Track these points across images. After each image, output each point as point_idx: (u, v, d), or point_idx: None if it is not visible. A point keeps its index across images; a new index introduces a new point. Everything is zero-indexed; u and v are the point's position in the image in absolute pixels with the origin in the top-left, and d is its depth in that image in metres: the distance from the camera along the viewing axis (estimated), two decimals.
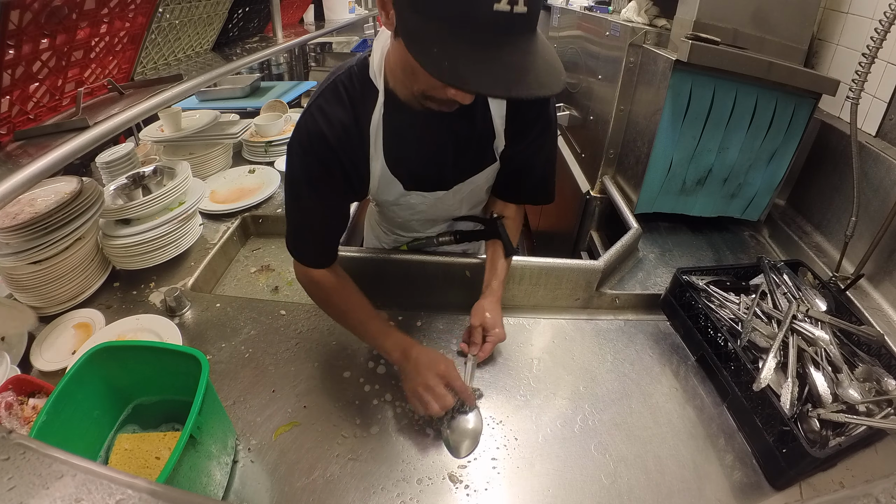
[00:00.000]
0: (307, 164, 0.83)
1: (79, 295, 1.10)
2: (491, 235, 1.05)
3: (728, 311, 1.02)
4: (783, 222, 1.44)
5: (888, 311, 1.10)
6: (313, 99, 0.83)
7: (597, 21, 1.68)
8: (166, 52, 1.20)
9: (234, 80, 2.33)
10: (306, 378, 0.94)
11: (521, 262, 1.14)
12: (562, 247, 1.94)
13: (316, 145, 0.81)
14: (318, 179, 0.84)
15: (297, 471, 0.78)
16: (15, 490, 0.32)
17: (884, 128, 1.23)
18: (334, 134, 0.81)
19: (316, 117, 0.81)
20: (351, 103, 0.82)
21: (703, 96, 1.25)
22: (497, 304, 0.99)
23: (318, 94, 0.83)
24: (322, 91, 0.83)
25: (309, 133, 0.81)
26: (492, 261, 1.04)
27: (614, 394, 0.94)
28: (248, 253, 1.45)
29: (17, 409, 0.78)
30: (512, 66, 0.60)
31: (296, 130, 0.83)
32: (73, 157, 0.69)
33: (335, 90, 0.82)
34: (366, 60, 0.83)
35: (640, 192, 1.40)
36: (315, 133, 0.81)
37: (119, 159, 1.47)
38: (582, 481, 0.79)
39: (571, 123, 1.97)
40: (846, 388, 0.84)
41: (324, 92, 0.82)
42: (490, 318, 0.95)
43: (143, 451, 0.74)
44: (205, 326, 1.06)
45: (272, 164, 1.77)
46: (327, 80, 0.83)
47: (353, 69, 0.83)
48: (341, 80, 0.82)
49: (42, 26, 0.71)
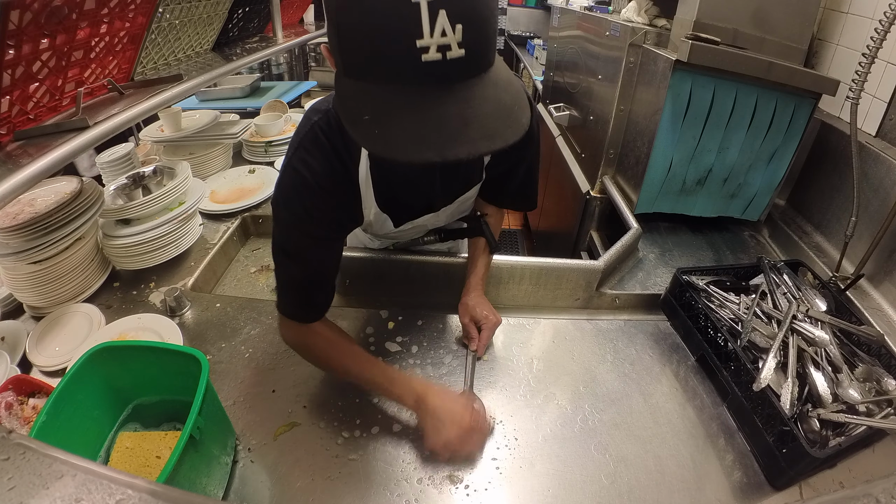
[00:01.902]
0: (297, 220, 0.77)
1: (79, 295, 1.10)
2: (475, 233, 1.07)
3: (728, 312, 1.02)
4: (783, 222, 1.44)
5: (888, 311, 1.10)
6: (292, 151, 0.76)
7: (597, 21, 1.68)
8: (166, 52, 1.20)
9: (234, 81, 2.33)
10: (306, 378, 0.94)
11: (521, 262, 1.14)
12: (562, 247, 1.94)
13: (305, 199, 0.76)
14: (308, 232, 0.79)
15: (297, 471, 0.78)
16: (15, 490, 0.32)
17: (884, 128, 1.23)
18: (321, 184, 0.75)
19: (300, 170, 0.75)
20: (335, 152, 0.76)
21: (703, 96, 1.25)
22: (481, 297, 1.01)
23: (298, 145, 0.76)
24: (301, 142, 0.76)
25: (295, 187, 0.75)
26: (473, 259, 1.07)
27: (614, 394, 0.94)
28: (248, 253, 1.45)
29: (17, 409, 0.78)
30: (448, 121, 0.52)
31: (279, 187, 0.77)
32: (73, 157, 0.69)
33: (315, 140, 0.75)
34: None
35: (640, 192, 1.40)
36: (301, 186, 0.75)
37: (119, 159, 1.47)
38: (582, 481, 0.79)
39: (571, 123, 1.97)
40: (846, 388, 0.84)
41: (303, 143, 0.76)
42: (479, 311, 0.98)
43: (144, 449, 0.74)
44: (205, 326, 1.06)
45: (272, 164, 1.77)
46: (304, 128, 0.77)
47: (330, 113, 0.76)
48: (320, 127, 0.75)
49: (42, 26, 0.71)
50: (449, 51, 0.50)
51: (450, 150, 0.52)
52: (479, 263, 1.05)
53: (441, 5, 0.48)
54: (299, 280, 0.83)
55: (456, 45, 0.50)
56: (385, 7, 0.49)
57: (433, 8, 0.48)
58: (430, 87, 0.52)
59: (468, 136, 0.52)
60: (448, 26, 0.49)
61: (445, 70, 0.51)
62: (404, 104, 0.52)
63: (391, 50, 0.50)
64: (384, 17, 0.49)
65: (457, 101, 0.53)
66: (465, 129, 0.52)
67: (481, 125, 0.53)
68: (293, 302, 0.85)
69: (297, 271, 0.82)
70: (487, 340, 0.99)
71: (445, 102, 0.52)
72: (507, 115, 0.55)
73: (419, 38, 0.48)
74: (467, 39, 0.50)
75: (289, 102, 2.11)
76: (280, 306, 0.85)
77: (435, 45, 0.49)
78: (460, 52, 0.50)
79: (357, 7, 0.50)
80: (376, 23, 0.50)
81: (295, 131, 0.80)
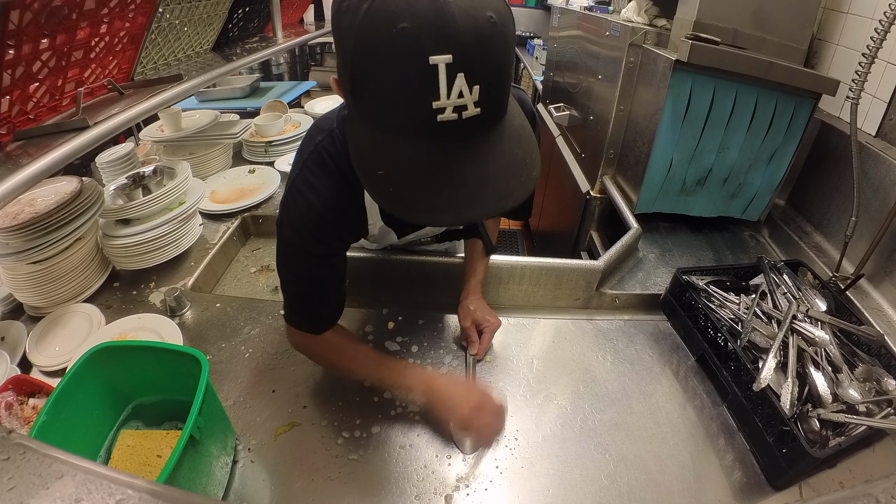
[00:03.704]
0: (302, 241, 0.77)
1: (79, 295, 1.10)
2: (471, 234, 1.07)
3: (728, 311, 1.02)
4: (783, 222, 1.44)
5: (888, 311, 1.10)
6: (297, 171, 0.76)
7: (597, 21, 1.68)
8: (166, 52, 1.20)
9: (234, 81, 2.33)
10: (306, 378, 0.94)
11: (521, 262, 1.14)
12: (562, 247, 1.94)
13: (309, 222, 0.75)
14: (314, 251, 0.78)
15: (297, 471, 0.78)
16: (15, 490, 0.32)
17: (884, 128, 1.23)
18: (327, 206, 0.74)
19: (304, 192, 0.74)
20: (340, 173, 0.74)
21: (703, 96, 1.24)
22: (480, 300, 1.02)
23: (302, 165, 0.75)
24: (305, 163, 0.75)
25: (299, 210, 0.75)
26: (470, 260, 1.07)
27: (614, 394, 0.94)
28: (248, 253, 1.45)
29: (17, 409, 0.78)
30: (464, 183, 0.52)
31: (284, 209, 0.76)
32: (73, 157, 0.69)
33: (321, 161, 0.75)
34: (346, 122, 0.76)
35: (640, 192, 1.40)
36: (306, 208, 0.74)
37: (119, 159, 1.47)
38: (582, 481, 0.79)
39: (571, 123, 1.97)
40: (846, 388, 0.84)
41: (307, 163, 0.75)
42: (479, 314, 0.99)
43: (145, 448, 0.74)
44: (205, 326, 1.06)
45: (272, 164, 1.77)
46: (308, 148, 0.76)
47: (334, 133, 0.75)
48: (325, 147, 0.75)
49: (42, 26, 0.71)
50: (465, 111, 0.49)
51: (466, 212, 0.53)
52: (477, 266, 1.06)
53: (459, 69, 0.47)
54: (305, 296, 0.83)
55: (472, 105, 0.49)
56: (403, 66, 0.48)
57: (451, 71, 0.47)
58: (445, 144, 0.51)
59: (483, 198, 0.53)
60: (465, 88, 0.48)
61: (461, 128, 0.50)
62: (419, 164, 0.52)
63: (407, 108, 0.50)
64: (401, 76, 0.48)
65: (472, 160, 0.52)
66: (481, 191, 0.53)
67: (496, 184, 0.53)
68: (301, 316, 0.85)
69: (302, 288, 0.82)
70: (488, 344, 1.00)
71: (461, 161, 0.52)
72: (520, 171, 0.55)
73: (436, 99, 0.48)
74: (483, 98, 0.50)
75: (289, 102, 2.11)
76: (288, 318, 0.86)
77: (451, 107, 0.49)
78: (476, 111, 0.50)
79: (374, 62, 0.49)
80: (393, 80, 0.49)
81: (299, 150, 0.79)
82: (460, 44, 0.46)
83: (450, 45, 0.46)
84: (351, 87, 0.53)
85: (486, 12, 0.48)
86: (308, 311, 0.85)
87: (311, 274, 0.80)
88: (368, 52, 0.49)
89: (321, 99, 2.33)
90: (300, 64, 3.16)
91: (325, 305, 0.85)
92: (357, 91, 0.53)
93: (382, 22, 0.47)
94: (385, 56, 0.48)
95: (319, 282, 0.82)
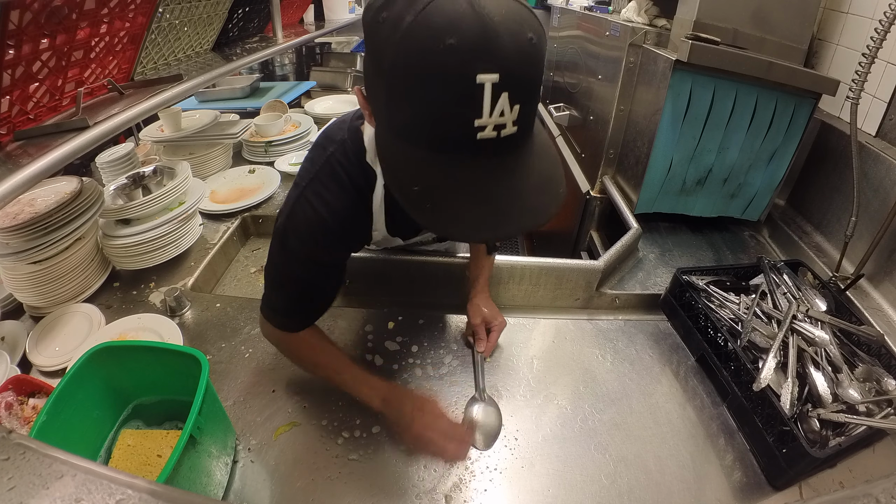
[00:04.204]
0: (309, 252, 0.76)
1: (79, 295, 1.10)
2: None
3: (728, 311, 1.02)
4: (783, 222, 1.44)
5: (888, 311, 1.10)
6: (307, 182, 0.75)
7: (597, 21, 1.68)
8: (166, 52, 1.20)
9: (234, 81, 2.33)
10: (306, 378, 0.94)
11: (521, 262, 1.14)
12: (562, 247, 1.94)
13: (318, 235, 0.74)
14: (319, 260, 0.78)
15: (297, 471, 0.78)
16: (15, 490, 0.32)
17: (884, 128, 1.23)
18: (338, 220, 0.74)
19: (316, 206, 0.73)
20: (352, 184, 0.75)
21: (703, 96, 1.24)
22: (489, 299, 1.04)
23: (313, 177, 0.74)
24: (317, 174, 0.74)
25: (309, 223, 0.74)
26: (476, 259, 1.08)
27: (614, 394, 0.94)
28: (248, 253, 1.45)
29: (17, 409, 0.78)
30: (499, 200, 0.53)
31: (292, 219, 0.75)
32: (73, 157, 0.69)
33: (333, 173, 0.74)
34: (358, 133, 0.75)
35: (640, 192, 1.40)
36: (317, 223, 0.74)
37: (119, 159, 1.47)
38: (582, 481, 0.79)
39: (571, 123, 1.97)
40: (846, 388, 0.84)
41: (319, 175, 0.74)
42: (489, 313, 1.01)
43: (145, 447, 0.74)
44: (205, 326, 1.06)
45: (272, 164, 1.77)
46: (320, 159, 0.75)
47: (346, 144, 0.75)
48: (337, 159, 0.74)
49: (42, 26, 0.71)
50: (504, 129, 0.50)
51: (501, 229, 0.55)
52: (482, 265, 1.06)
53: (504, 88, 0.47)
54: (295, 299, 0.82)
55: (511, 124, 0.50)
56: (448, 83, 0.47)
57: (497, 90, 0.47)
58: (480, 161, 0.52)
59: (516, 214, 0.54)
60: (507, 107, 0.48)
61: (497, 146, 0.51)
62: (457, 181, 0.52)
63: (447, 125, 0.50)
64: (446, 92, 0.48)
65: (505, 178, 0.53)
66: (514, 207, 0.54)
67: (528, 201, 0.54)
68: (282, 315, 0.84)
69: (293, 291, 0.81)
70: (495, 342, 1.00)
71: (497, 179, 0.53)
72: (550, 187, 0.57)
73: (478, 118, 0.48)
74: (521, 117, 0.50)
75: (289, 102, 2.11)
76: (266, 313, 0.85)
77: (492, 125, 0.49)
78: (513, 130, 0.50)
79: (417, 78, 0.48)
80: (436, 97, 0.48)
81: (309, 159, 0.78)
82: (506, 63, 0.47)
83: (497, 65, 0.46)
84: (386, 100, 0.53)
85: (528, 33, 0.48)
86: (292, 312, 0.84)
87: (308, 280, 0.80)
88: (411, 67, 0.48)
89: (321, 99, 2.33)
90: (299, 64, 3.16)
91: (311, 309, 0.85)
92: (394, 105, 0.53)
93: (428, 37, 0.46)
94: (430, 72, 0.47)
95: (314, 288, 0.82)
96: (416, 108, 0.51)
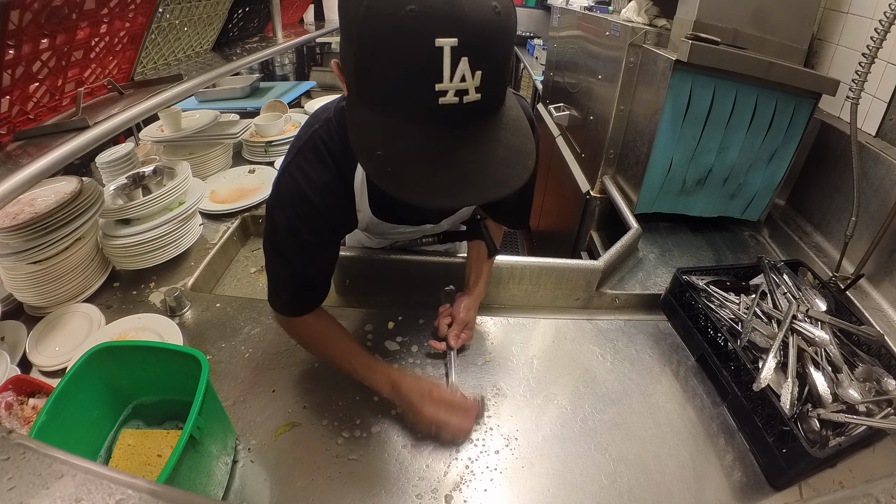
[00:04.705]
0: (291, 225, 0.78)
1: (79, 295, 1.10)
2: (474, 236, 1.07)
3: (728, 311, 1.02)
4: (783, 222, 1.44)
5: (888, 311, 1.10)
6: (291, 156, 0.77)
7: (597, 21, 1.68)
8: (166, 52, 1.20)
9: (234, 81, 2.33)
10: (306, 378, 0.94)
11: (521, 262, 1.14)
12: (562, 247, 1.94)
13: (299, 207, 0.76)
14: (303, 238, 0.79)
15: (297, 471, 0.78)
16: (15, 490, 0.32)
17: (884, 128, 1.23)
18: (318, 194, 0.76)
19: (297, 178, 0.75)
20: (333, 160, 0.76)
21: (703, 96, 1.25)
22: (477, 304, 1.03)
23: (297, 151, 0.77)
24: (300, 149, 0.77)
25: (290, 195, 0.76)
26: (476, 260, 1.07)
27: (614, 394, 0.94)
28: (248, 253, 1.45)
29: (17, 409, 0.78)
30: (461, 168, 0.53)
31: (275, 191, 0.78)
32: (73, 157, 0.69)
33: (315, 148, 0.76)
34: (343, 113, 0.76)
35: (640, 192, 1.40)
36: (297, 194, 0.75)
37: (119, 159, 1.47)
38: (582, 481, 0.79)
39: (571, 123, 1.97)
40: (846, 388, 0.84)
41: (302, 150, 0.76)
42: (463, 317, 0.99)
43: (145, 447, 0.74)
44: (205, 326, 1.06)
45: (272, 164, 1.77)
46: (304, 135, 0.78)
47: (331, 122, 0.76)
48: (320, 136, 0.76)
49: (42, 26, 0.71)
50: (466, 95, 0.50)
51: (462, 196, 0.54)
52: (476, 268, 1.06)
53: (464, 53, 0.48)
54: (289, 279, 0.84)
55: (473, 90, 0.50)
56: (408, 47, 0.48)
57: (456, 54, 0.48)
58: (445, 128, 0.53)
59: (479, 183, 0.53)
60: (468, 72, 0.49)
61: (461, 113, 0.51)
62: (418, 146, 0.53)
63: (409, 90, 0.51)
64: (406, 57, 0.49)
65: (470, 146, 0.54)
66: (477, 177, 0.54)
67: (492, 171, 0.54)
68: (283, 299, 0.87)
69: (287, 271, 0.83)
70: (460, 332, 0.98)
71: (460, 147, 0.53)
72: (516, 160, 0.56)
73: (438, 82, 0.49)
74: (484, 84, 0.51)
75: (289, 102, 2.11)
76: (271, 300, 0.88)
77: (453, 90, 0.50)
78: (477, 97, 0.51)
79: (380, 44, 0.50)
80: (397, 62, 0.50)
81: (295, 136, 0.80)
82: (466, 29, 0.48)
83: (456, 29, 0.47)
84: (354, 68, 0.54)
85: (492, 2, 0.50)
86: (288, 294, 0.86)
87: (296, 259, 0.81)
88: (374, 33, 0.50)
89: (321, 99, 2.33)
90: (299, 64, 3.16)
91: (307, 291, 0.86)
92: (360, 72, 0.54)
93: (391, 3, 0.48)
94: (391, 37, 0.49)
95: (303, 267, 0.83)
96: (380, 74, 0.52)
